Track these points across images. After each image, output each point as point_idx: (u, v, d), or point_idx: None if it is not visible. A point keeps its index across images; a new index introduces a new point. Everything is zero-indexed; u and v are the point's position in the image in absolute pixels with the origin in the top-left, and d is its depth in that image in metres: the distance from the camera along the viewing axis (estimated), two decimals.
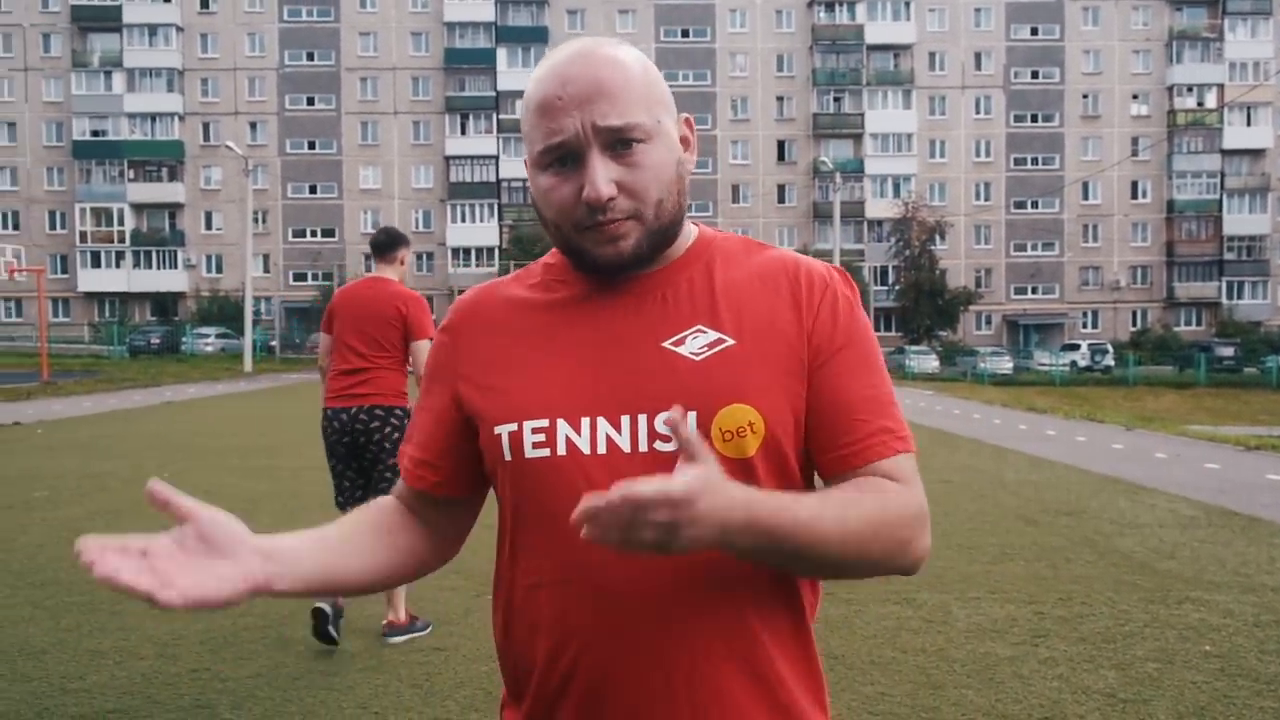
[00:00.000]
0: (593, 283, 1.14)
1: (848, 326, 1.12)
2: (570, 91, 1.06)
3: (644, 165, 1.07)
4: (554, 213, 1.09)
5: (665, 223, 1.10)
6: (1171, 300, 57.81)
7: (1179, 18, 58.14)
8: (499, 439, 1.11)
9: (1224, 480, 9.92)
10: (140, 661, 4.20)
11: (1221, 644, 4.54)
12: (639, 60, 1.10)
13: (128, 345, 43.91)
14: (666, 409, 1.03)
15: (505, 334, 1.16)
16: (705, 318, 1.10)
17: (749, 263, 1.15)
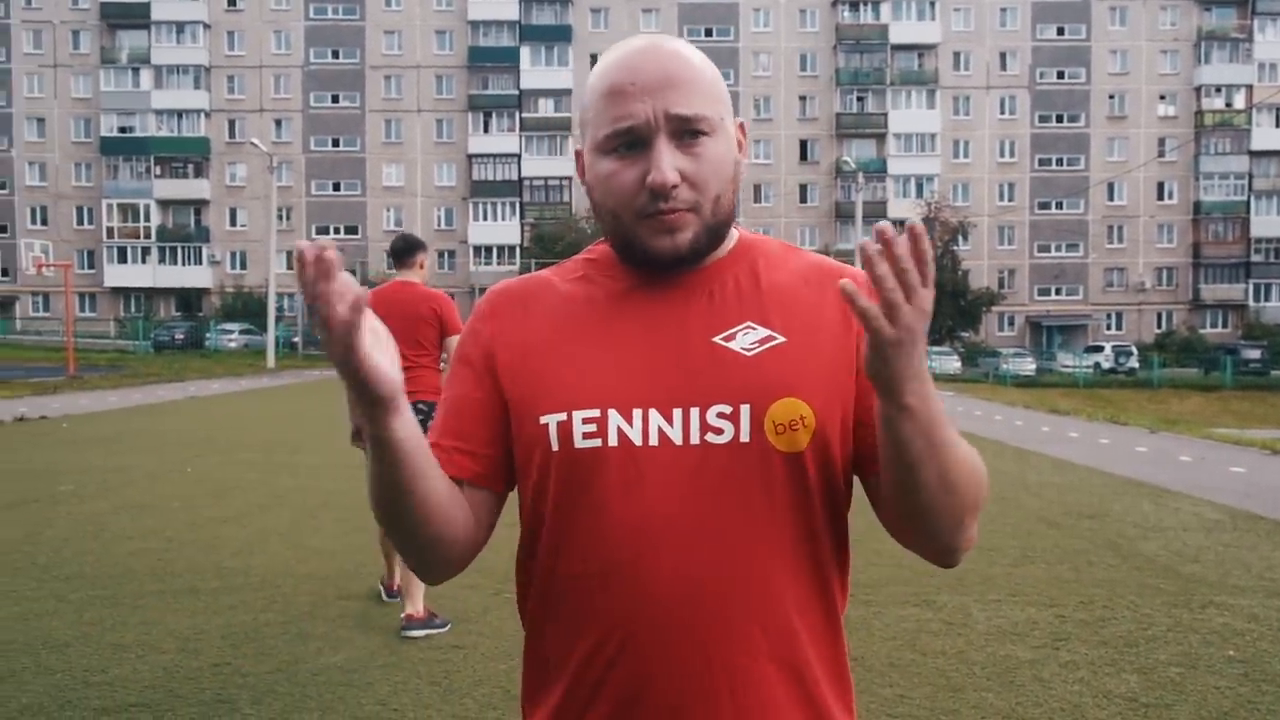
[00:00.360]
0: (638, 277, 1.14)
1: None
2: (642, 79, 1.07)
3: (707, 158, 1.08)
4: (614, 199, 1.10)
5: (721, 219, 1.11)
6: (1197, 302, 57.22)
7: (1208, 18, 57.51)
8: (545, 428, 1.10)
9: (1250, 484, 9.81)
10: (162, 655, 4.24)
11: (1245, 649, 4.49)
12: (704, 57, 1.12)
13: (153, 340, 44.35)
14: (719, 401, 1.07)
15: (548, 324, 1.16)
16: (754, 315, 1.12)
17: (790, 264, 1.17)
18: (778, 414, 1.06)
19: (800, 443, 1.07)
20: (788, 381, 1.08)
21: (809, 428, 1.07)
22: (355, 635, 4.56)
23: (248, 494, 8.45)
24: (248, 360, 38.95)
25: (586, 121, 1.13)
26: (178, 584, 5.44)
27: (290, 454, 11.24)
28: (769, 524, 1.06)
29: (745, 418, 1.06)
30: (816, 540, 1.09)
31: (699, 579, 1.05)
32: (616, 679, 1.07)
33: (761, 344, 1.10)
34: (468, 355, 1.20)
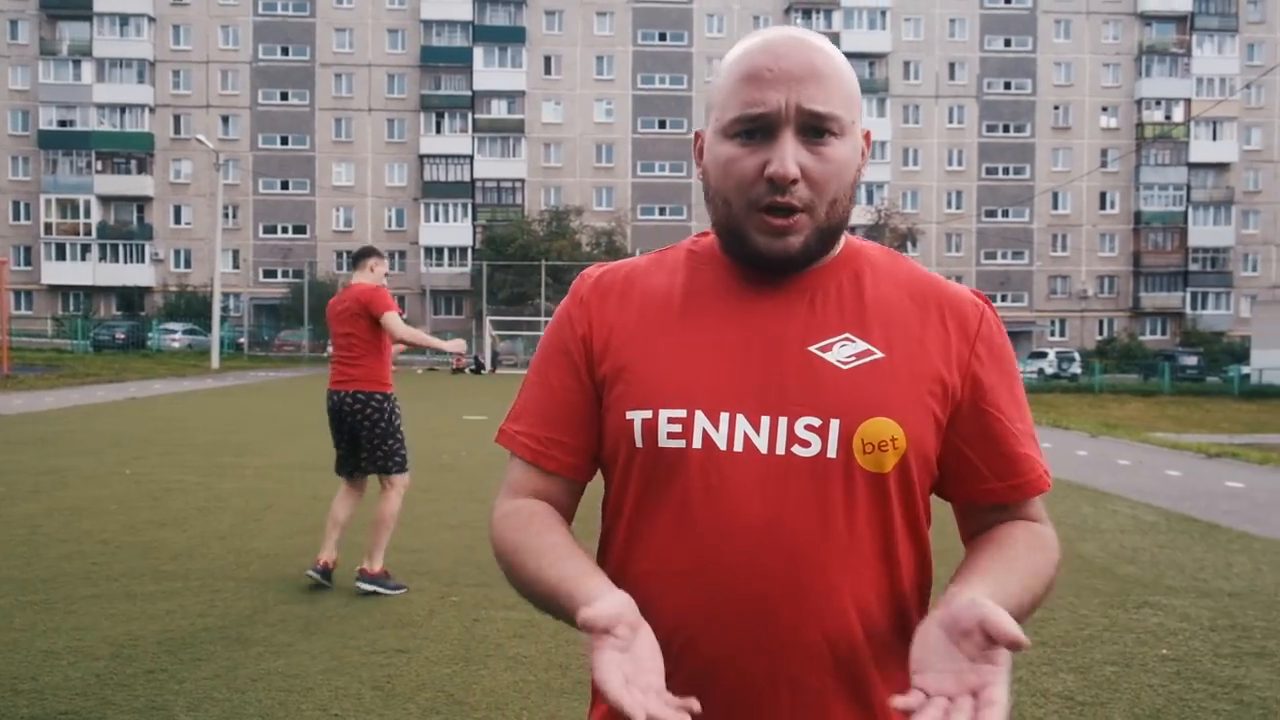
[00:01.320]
0: (739, 275, 1.12)
1: (1003, 357, 1.14)
2: (783, 66, 1.04)
3: (831, 159, 1.06)
4: (730, 185, 1.07)
5: (834, 223, 1.08)
6: (1137, 310, 58.59)
7: (1149, 33, 58.96)
8: (630, 424, 1.08)
9: (1184, 487, 10.05)
10: (95, 662, 4.14)
11: (1178, 647, 4.60)
12: (845, 60, 1.10)
13: (92, 340, 43.34)
14: (809, 413, 1.04)
15: (641, 314, 1.13)
16: (854, 327, 1.09)
17: (897, 277, 1.14)
18: (868, 433, 1.04)
19: (887, 464, 1.05)
20: (882, 400, 1.05)
21: (898, 450, 1.05)
22: (297, 640, 4.48)
23: (188, 497, 8.28)
24: (191, 361, 38.23)
25: (714, 103, 1.10)
26: (113, 588, 5.31)
27: (234, 456, 11.04)
28: (847, 542, 1.04)
29: (834, 433, 1.04)
30: (894, 561, 1.08)
31: (769, 590, 1.04)
32: (679, 679, 1.05)
33: (859, 358, 1.07)
34: (562, 341, 1.16)
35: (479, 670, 4.12)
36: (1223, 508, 8.77)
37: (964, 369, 1.10)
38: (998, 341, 1.13)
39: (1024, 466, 1.12)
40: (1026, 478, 1.12)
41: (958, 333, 1.11)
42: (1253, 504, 9.04)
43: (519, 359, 44.66)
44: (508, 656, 4.29)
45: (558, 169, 57.36)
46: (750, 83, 1.05)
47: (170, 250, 55.86)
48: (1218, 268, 58.66)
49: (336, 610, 4.96)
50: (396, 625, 4.72)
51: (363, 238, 56.52)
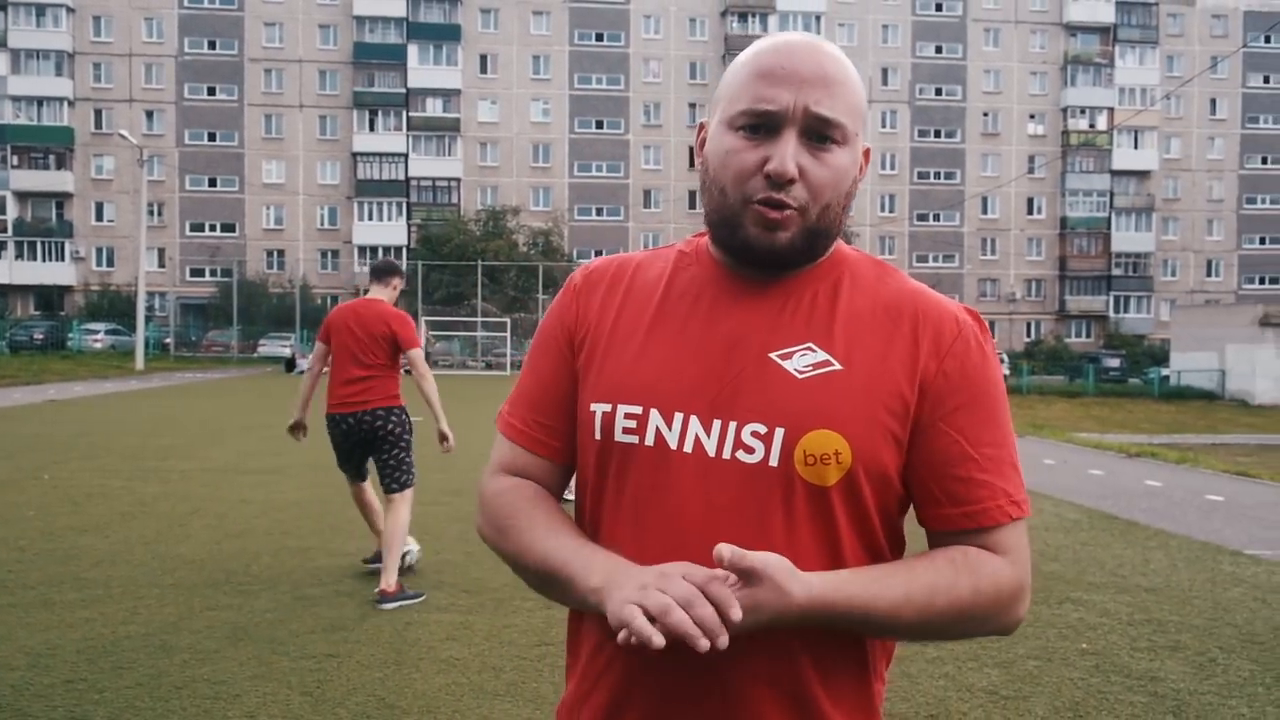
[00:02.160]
0: (721, 275, 1.13)
1: (978, 377, 1.09)
2: (796, 67, 1.06)
3: (830, 165, 1.07)
4: (729, 176, 1.07)
5: (824, 228, 1.09)
6: (1063, 313, 60.16)
7: (1074, 43, 60.60)
8: (592, 416, 1.11)
9: (1106, 486, 10.36)
10: (11, 672, 4.00)
11: (1097, 641, 4.74)
12: (856, 73, 1.11)
13: (8, 340, 41.82)
14: (757, 420, 1.05)
15: (621, 310, 1.15)
16: (819, 337, 1.08)
17: (877, 290, 1.12)
18: (811, 444, 1.04)
19: (829, 478, 1.04)
20: (830, 412, 1.04)
21: (842, 464, 1.04)
22: (224, 647, 4.39)
23: (111, 502, 8.06)
24: (114, 361, 37.14)
25: (722, 96, 1.11)
26: (30, 597, 5.14)
27: (159, 459, 10.77)
28: (786, 550, 1.01)
29: (778, 441, 1.04)
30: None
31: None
32: (614, 676, 1.09)
33: (816, 369, 1.06)
34: (553, 330, 1.19)
35: (411, 674, 4.08)
36: (1141, 505, 9.06)
37: (925, 386, 1.07)
38: (973, 361, 1.09)
39: (981, 493, 1.07)
40: (983, 505, 1.07)
41: (929, 349, 1.08)
42: (1169, 502, 9.35)
43: (455, 359, 44.24)
44: (440, 659, 4.26)
45: (494, 168, 56.98)
46: (762, 79, 1.07)
47: (92, 248, 54.22)
48: (1139, 272, 60.51)
49: (265, 616, 4.87)
50: (327, 630, 4.65)
51: (294, 236, 55.51)
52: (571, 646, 1.19)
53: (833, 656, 1.08)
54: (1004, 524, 1.08)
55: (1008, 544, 1.08)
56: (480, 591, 5.34)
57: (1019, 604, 1.08)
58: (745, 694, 1.05)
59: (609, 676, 1.10)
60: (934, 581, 1.04)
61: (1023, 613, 1.09)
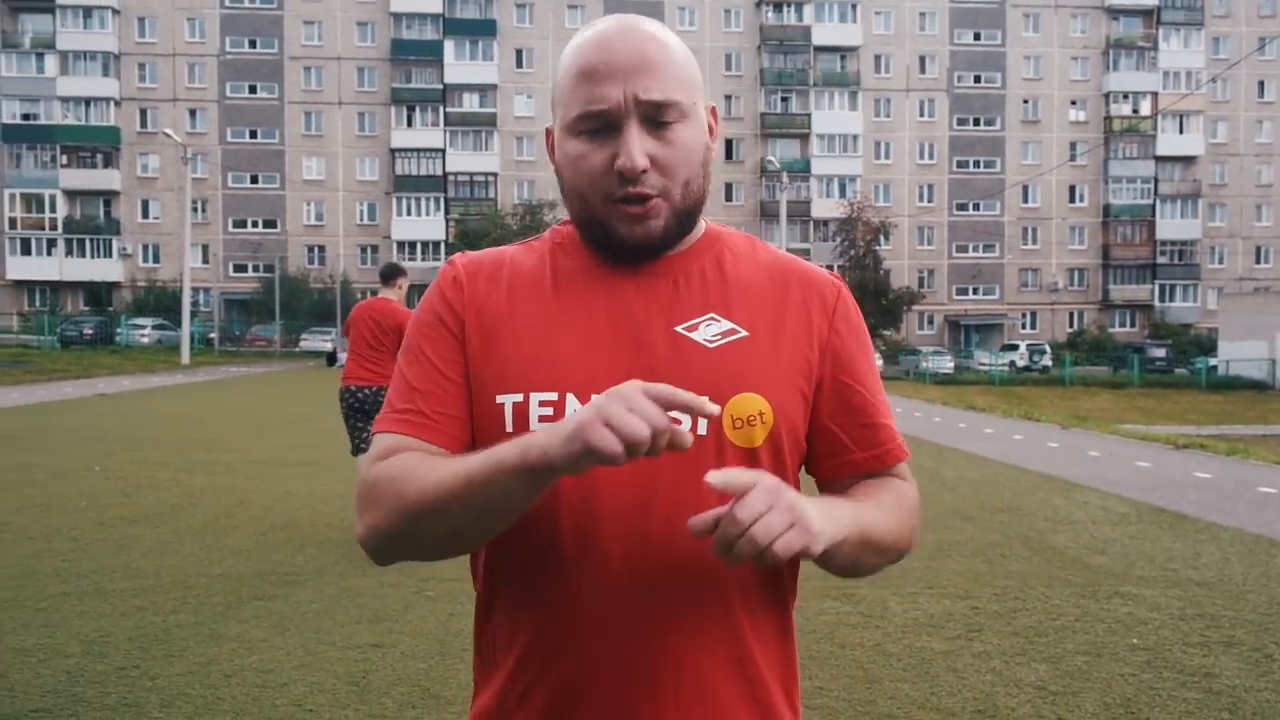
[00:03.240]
0: (603, 260, 1.13)
1: (860, 333, 1.18)
2: (615, 61, 1.06)
3: (677, 143, 1.07)
4: (583, 181, 1.08)
5: (690, 204, 1.10)
6: (1107, 302, 59.22)
7: (1116, 27, 59.53)
8: (501, 409, 1.08)
9: (1153, 478, 10.18)
10: (66, 659, 4.09)
11: (1148, 637, 4.66)
12: (679, 41, 1.11)
13: (59, 335, 42.70)
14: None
15: (511, 301, 1.13)
16: (718, 307, 1.11)
17: (757, 260, 1.17)
18: (736, 408, 1.06)
19: (756, 438, 1.07)
20: (748, 376, 1.08)
21: (766, 424, 1.07)
22: (271, 636, 4.45)
23: (160, 493, 8.20)
24: (161, 356, 37.80)
25: (557, 100, 1.11)
26: (84, 585, 5.25)
27: (205, 452, 10.94)
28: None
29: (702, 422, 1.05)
30: None
31: (648, 569, 1.04)
32: (559, 667, 1.06)
33: (724, 337, 1.09)
34: (442, 318, 1.12)
35: (455, 664, 4.10)
36: (1190, 498, 8.90)
37: (824, 345, 1.14)
38: (854, 318, 1.18)
39: (884, 435, 1.17)
40: (887, 446, 1.17)
41: (818, 310, 1.14)
42: (1220, 494, 9.18)
43: None
44: None
45: (531, 163, 57.13)
46: (587, 79, 1.06)
47: (138, 245, 55.15)
48: (1185, 260, 59.40)
49: (311, 606, 4.93)
50: (372, 620, 4.69)
51: (334, 232, 56.08)
52: (487, 644, 1.14)
53: (767, 625, 1.11)
54: (903, 460, 1.19)
55: (907, 475, 1.21)
56: None
57: (918, 523, 1.20)
58: (695, 668, 1.06)
59: (555, 668, 1.06)
60: (885, 498, 1.14)
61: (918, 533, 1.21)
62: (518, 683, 1.09)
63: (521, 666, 1.09)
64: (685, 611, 1.05)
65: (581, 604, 1.05)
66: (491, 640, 1.13)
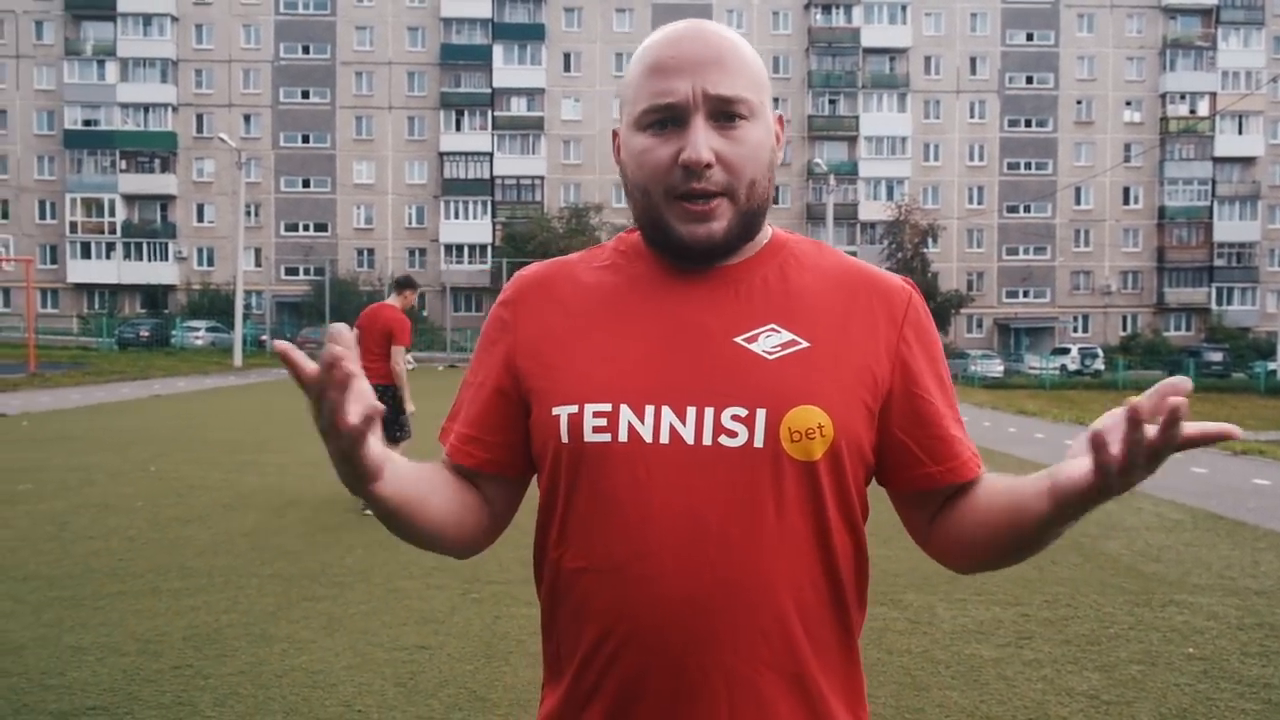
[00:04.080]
0: (665, 268, 1.12)
1: (930, 341, 1.15)
2: (686, 56, 1.06)
3: (744, 141, 1.07)
4: (646, 175, 1.08)
5: (754, 206, 1.10)
6: (1162, 305, 58.01)
7: (1173, 26, 58.33)
8: (557, 420, 1.09)
9: (1210, 484, 9.96)
10: (122, 658, 4.18)
11: (1205, 646, 4.55)
12: (748, 44, 1.11)
13: (117, 337, 43.72)
14: (735, 403, 1.05)
15: (569, 312, 1.14)
16: (779, 317, 1.09)
17: (823, 267, 1.15)
18: (794, 421, 1.04)
19: (815, 452, 1.05)
20: (807, 388, 1.06)
21: (826, 437, 1.05)
22: (320, 637, 4.51)
23: (212, 493, 8.35)
24: (214, 358, 38.53)
25: (626, 99, 1.11)
26: (139, 585, 5.36)
27: (256, 453, 11.12)
28: (778, 531, 1.04)
29: (761, 422, 1.04)
30: (829, 551, 1.08)
31: (701, 582, 1.03)
32: (616, 676, 1.07)
33: (784, 348, 1.07)
34: (491, 342, 1.18)
35: (501, 667, 4.13)
36: (1249, 505, 8.68)
37: (893, 355, 1.11)
38: (925, 326, 1.14)
39: (957, 449, 1.13)
40: (962, 458, 1.13)
41: (885, 319, 1.11)
42: (1279, 501, 8.95)
43: None
44: (530, 653, 4.30)
45: (577, 166, 57.38)
46: (656, 74, 1.07)
47: (193, 248, 56.27)
48: (1243, 263, 58.00)
49: (359, 607, 4.99)
50: (419, 622, 4.74)
51: (383, 235, 56.75)
52: (551, 654, 1.15)
53: (827, 641, 1.09)
54: (979, 473, 1.14)
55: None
56: None
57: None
58: (751, 682, 1.05)
59: (614, 673, 1.06)
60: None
61: None
62: (578, 691, 1.10)
63: (580, 675, 1.09)
64: (738, 625, 1.04)
65: (635, 615, 1.04)
66: (555, 649, 1.15)
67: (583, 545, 1.08)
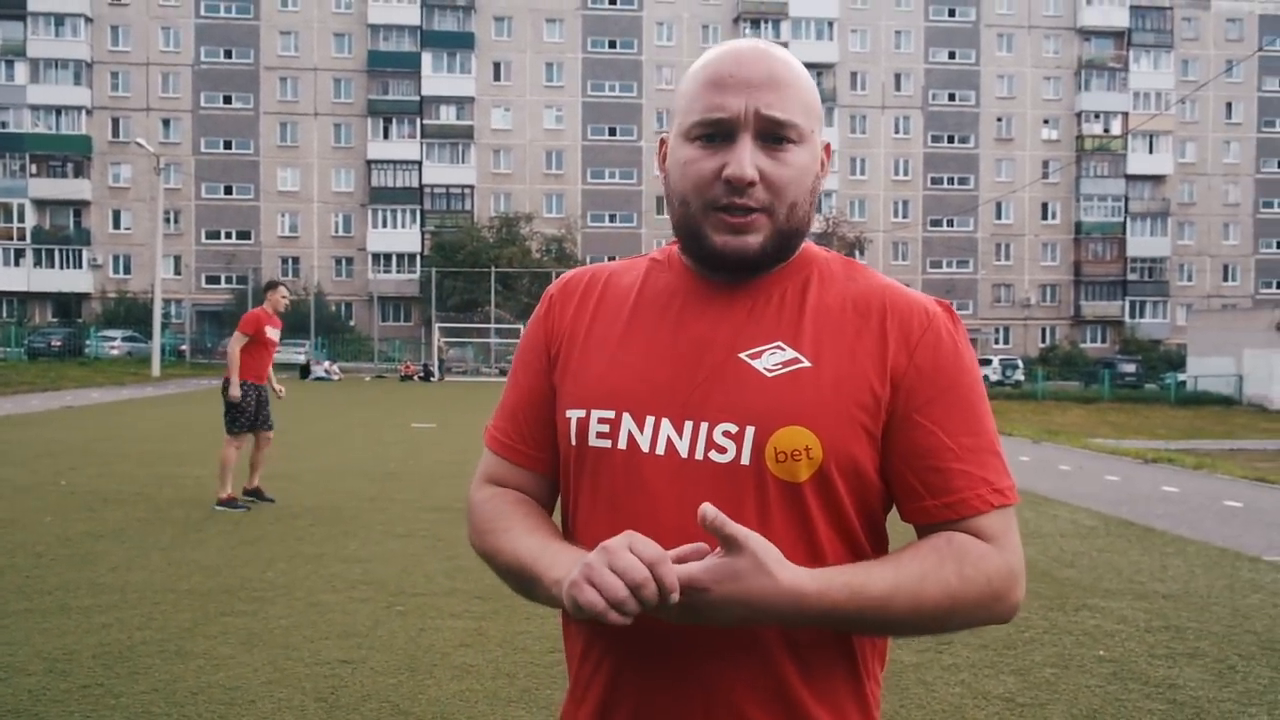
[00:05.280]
0: (691, 281, 1.14)
1: (951, 368, 1.08)
2: (744, 73, 1.07)
3: (789, 164, 1.08)
4: (689, 185, 1.09)
5: (793, 227, 1.10)
6: (1078, 318, 59.86)
7: (1087, 48, 60.38)
8: (568, 422, 1.12)
9: (1122, 491, 10.29)
10: (28, 678, 4.02)
11: (1114, 649, 4.70)
12: (806, 71, 1.12)
13: (26, 347, 42.15)
14: (728, 419, 1.05)
15: (595, 318, 1.16)
16: (787, 336, 1.09)
17: (847, 287, 1.12)
18: (781, 441, 1.04)
19: (801, 474, 1.04)
20: (799, 409, 1.04)
21: (813, 460, 1.04)
22: (238, 652, 4.41)
23: (127, 507, 8.10)
24: (131, 368, 37.38)
25: (678, 108, 1.12)
26: (47, 602, 5.17)
27: (175, 465, 10.82)
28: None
29: (748, 440, 1.04)
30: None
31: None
32: (602, 680, 1.10)
33: (785, 366, 1.07)
34: (531, 342, 1.21)
35: (425, 680, 4.08)
36: (1158, 512, 8.99)
37: (897, 379, 1.07)
38: (945, 352, 1.08)
39: (959, 483, 1.06)
40: (961, 495, 1.06)
41: (898, 342, 1.07)
42: (1187, 508, 9.28)
43: (469, 365, 44.33)
44: (454, 666, 4.26)
45: (507, 175, 57.13)
46: (712, 88, 1.08)
47: (109, 256, 54.61)
48: (1155, 277, 60.17)
49: (279, 622, 4.88)
50: (341, 636, 4.66)
51: (309, 243, 55.77)
52: (568, 652, 1.20)
53: (819, 657, 1.07)
54: (985, 512, 1.06)
55: (992, 531, 1.06)
56: (494, 598, 5.33)
57: (1012, 590, 1.06)
58: (728, 696, 1.06)
59: (598, 680, 1.12)
60: (921, 569, 1.02)
61: (1018, 599, 1.07)
62: (575, 690, 1.16)
63: (577, 679, 1.15)
64: (716, 639, 1.04)
65: (617, 628, 1.03)
66: (568, 648, 1.20)
67: (588, 545, 1.09)
